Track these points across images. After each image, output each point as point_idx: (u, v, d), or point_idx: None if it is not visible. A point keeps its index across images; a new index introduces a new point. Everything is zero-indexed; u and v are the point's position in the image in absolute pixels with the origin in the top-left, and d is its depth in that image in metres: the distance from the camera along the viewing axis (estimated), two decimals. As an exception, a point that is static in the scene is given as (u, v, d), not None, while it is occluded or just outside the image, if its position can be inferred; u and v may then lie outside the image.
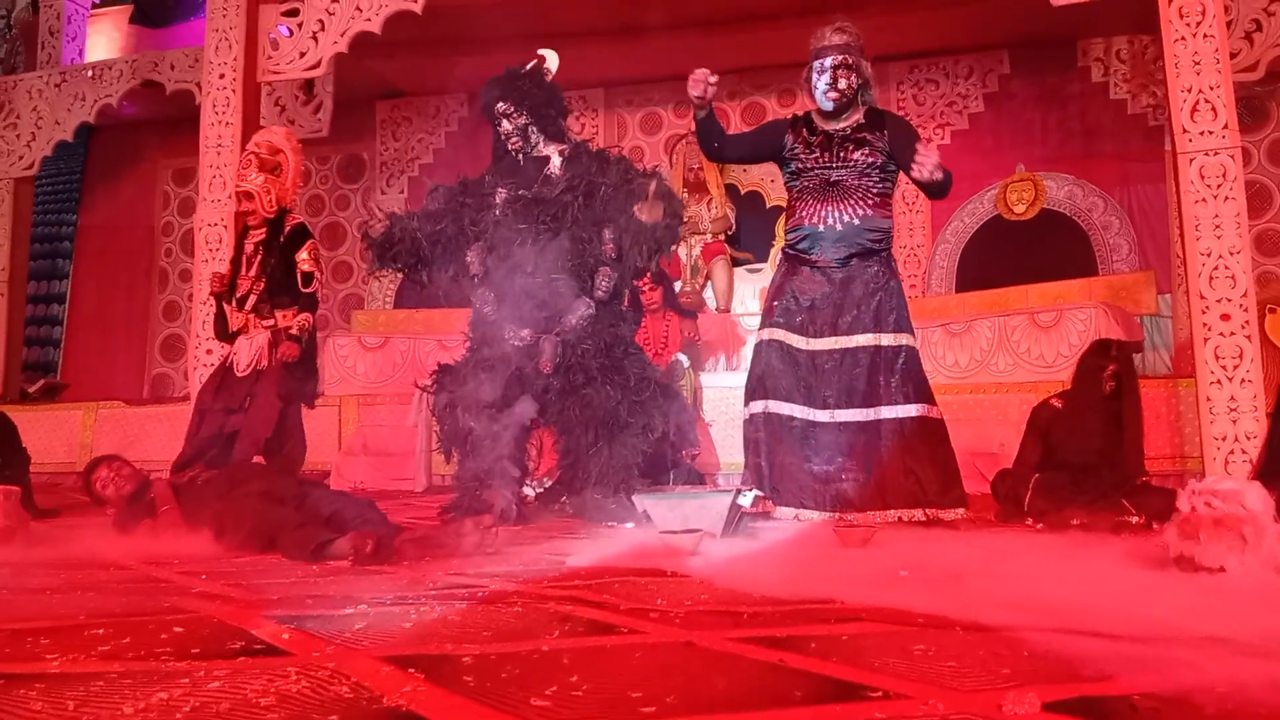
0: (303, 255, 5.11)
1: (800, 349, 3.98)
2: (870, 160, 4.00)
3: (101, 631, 1.77)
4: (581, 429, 4.28)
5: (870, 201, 4.01)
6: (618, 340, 4.34)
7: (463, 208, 4.46)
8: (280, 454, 5.07)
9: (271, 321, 5.07)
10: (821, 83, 4.02)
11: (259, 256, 5.11)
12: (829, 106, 4.04)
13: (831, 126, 4.08)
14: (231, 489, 3.40)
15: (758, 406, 4.00)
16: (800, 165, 4.10)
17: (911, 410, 3.87)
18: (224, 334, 5.24)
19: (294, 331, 5.04)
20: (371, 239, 4.53)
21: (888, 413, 3.86)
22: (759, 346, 4.09)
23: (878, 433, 3.86)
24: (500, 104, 4.47)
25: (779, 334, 4.02)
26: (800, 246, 4.06)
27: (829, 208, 4.01)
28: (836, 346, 3.95)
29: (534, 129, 4.48)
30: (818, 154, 4.05)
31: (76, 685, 1.38)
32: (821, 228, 4.01)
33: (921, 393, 3.94)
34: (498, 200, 4.42)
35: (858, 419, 3.89)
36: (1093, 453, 4.16)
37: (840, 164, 4.01)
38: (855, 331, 3.95)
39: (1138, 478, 4.19)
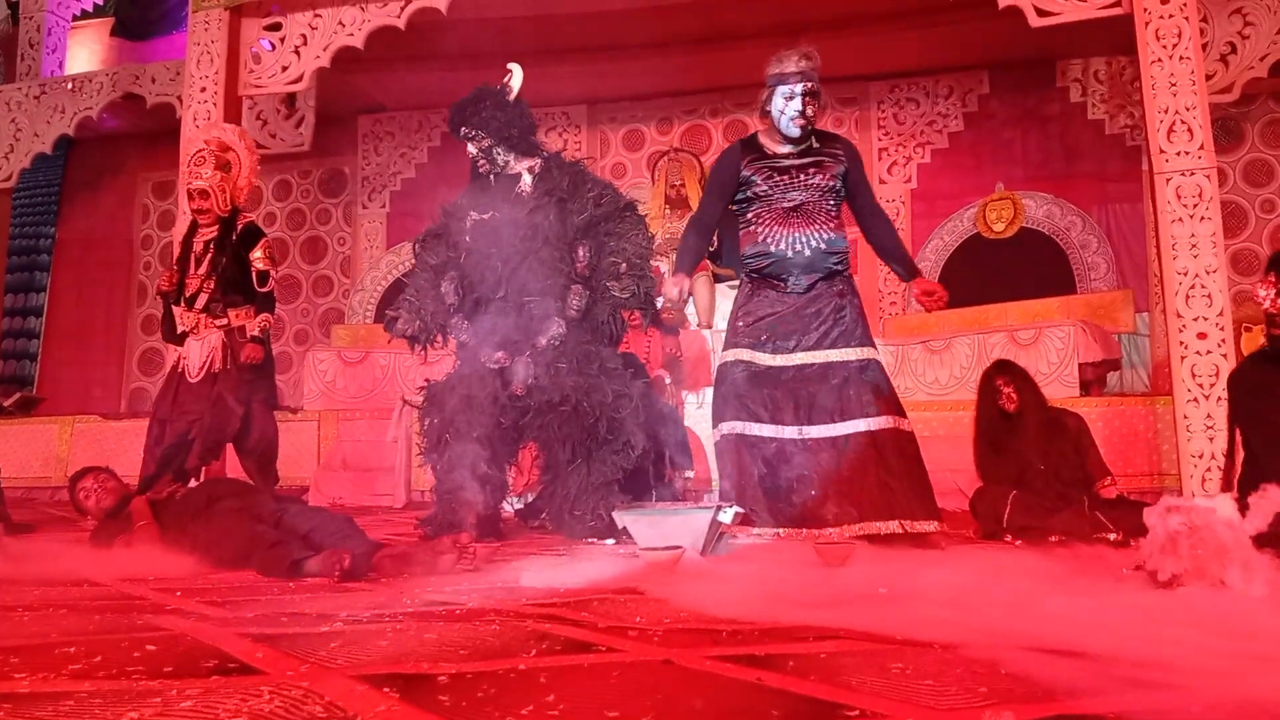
0: (257, 254, 5.06)
1: (766, 366, 3.95)
2: (829, 184, 4.00)
3: (73, 650, 1.75)
4: (559, 446, 4.27)
5: (831, 225, 4.01)
6: (593, 357, 4.32)
7: (449, 241, 4.47)
8: (253, 451, 5.04)
9: (224, 321, 4.99)
10: (791, 109, 3.97)
11: (209, 255, 5.03)
12: (795, 133, 4.00)
13: (785, 150, 4.05)
14: (208, 505, 3.37)
15: (726, 428, 3.97)
16: (757, 191, 4.05)
17: (884, 422, 3.84)
18: (172, 335, 5.16)
19: (255, 333, 4.98)
20: (404, 336, 4.48)
21: (860, 425, 3.83)
22: (724, 367, 4.05)
23: (849, 446, 3.83)
24: (462, 128, 4.45)
25: (744, 354, 3.99)
26: (767, 271, 4.03)
27: (794, 233, 3.99)
28: (803, 362, 3.93)
29: (499, 149, 4.45)
30: (775, 178, 4.02)
31: (45, 705, 1.36)
32: (790, 254, 3.98)
33: (892, 405, 3.92)
34: (467, 225, 4.42)
35: (828, 434, 3.85)
36: (1037, 468, 4.22)
37: (800, 188, 4.00)
38: (821, 347, 3.94)
39: (1099, 474, 4.23)
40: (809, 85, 3.97)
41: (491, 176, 4.48)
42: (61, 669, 1.60)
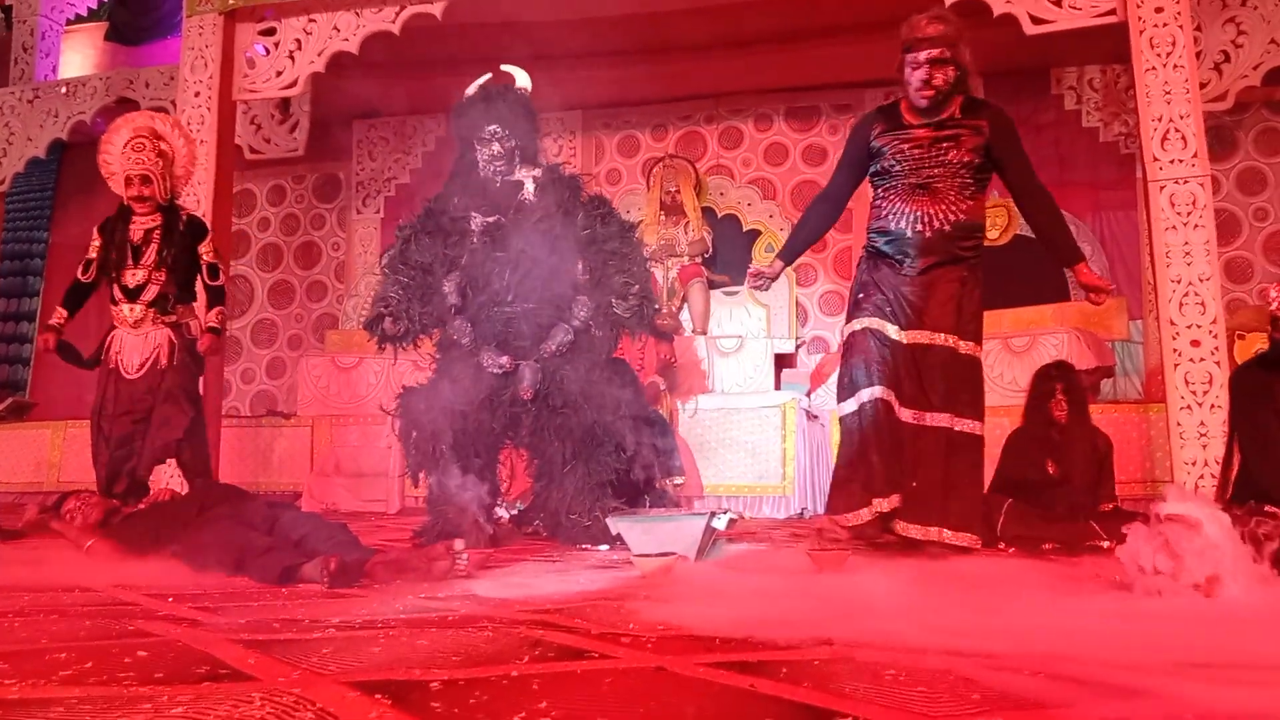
0: (205, 247, 4.91)
1: (894, 339, 3.66)
2: (964, 160, 3.65)
3: (63, 656, 1.73)
4: (558, 450, 4.26)
5: (964, 205, 3.66)
6: (594, 365, 4.34)
7: (444, 240, 4.39)
8: (195, 456, 4.85)
9: (172, 318, 4.84)
10: (915, 79, 3.63)
11: (154, 246, 4.85)
12: (923, 104, 3.69)
13: (923, 121, 3.72)
14: (200, 512, 3.36)
15: (866, 395, 3.61)
16: (887, 163, 3.74)
17: (976, 427, 3.62)
18: (80, 362, 5.04)
19: (214, 323, 4.84)
20: (391, 338, 4.37)
21: (960, 425, 3.58)
22: (855, 336, 3.72)
23: (949, 442, 3.57)
24: (492, 126, 4.37)
25: (873, 322, 3.68)
26: (885, 249, 3.76)
27: (917, 210, 3.67)
28: (921, 342, 3.63)
29: (518, 152, 4.44)
30: (905, 151, 3.71)
31: (35, 711, 1.35)
32: (909, 233, 3.68)
33: (980, 410, 3.65)
34: (473, 227, 4.37)
35: (936, 424, 3.58)
36: (1057, 476, 4.26)
37: (933, 164, 3.66)
38: (938, 329, 3.63)
39: (1106, 497, 4.28)
40: (933, 53, 3.59)
41: (499, 180, 4.44)
42: (51, 675, 1.59)
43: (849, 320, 3.84)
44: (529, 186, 4.42)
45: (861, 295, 3.79)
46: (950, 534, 3.50)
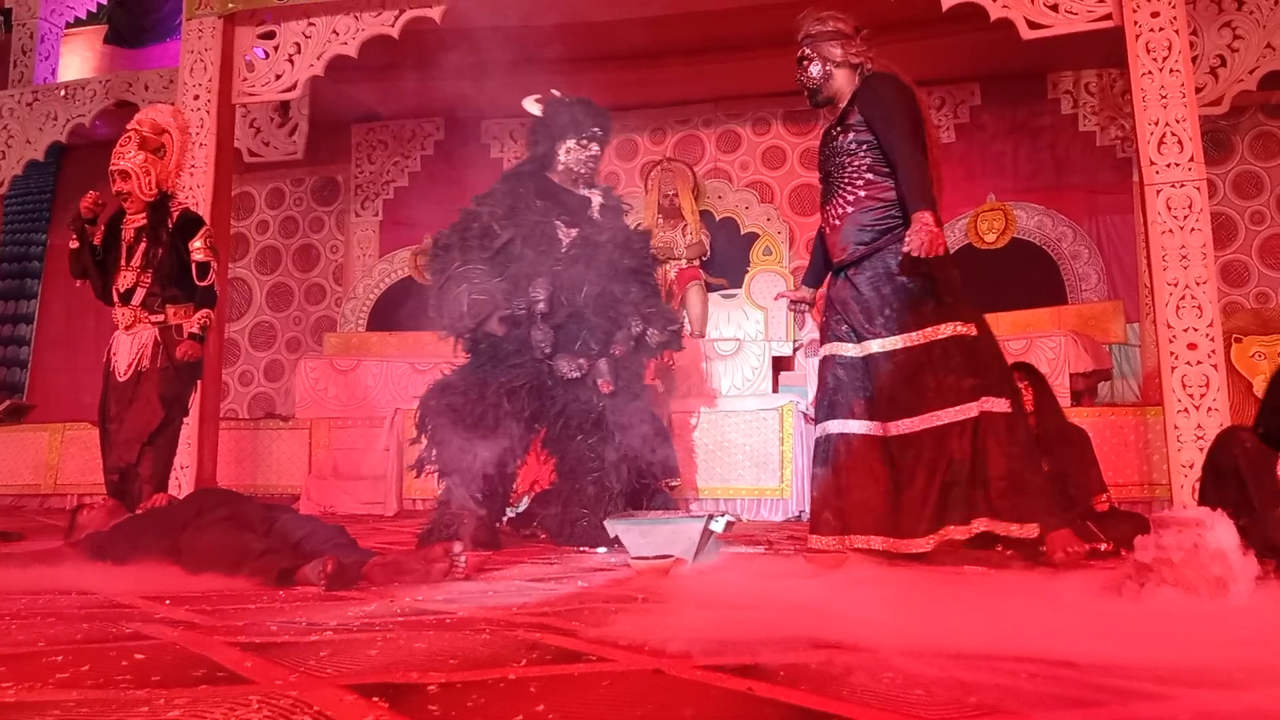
0: (196, 244, 4.69)
1: (854, 357, 3.57)
2: (852, 137, 3.58)
3: (60, 659, 1.73)
4: (593, 452, 4.36)
5: (861, 181, 3.55)
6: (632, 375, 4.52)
7: (535, 246, 4.36)
8: (155, 459, 4.62)
9: (160, 318, 4.68)
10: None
11: (142, 245, 4.71)
12: (811, 104, 3.84)
13: (833, 119, 3.73)
14: (198, 515, 3.35)
15: (831, 427, 3.56)
16: (821, 173, 3.76)
17: (969, 410, 3.33)
18: (81, 273, 4.84)
19: (194, 330, 4.64)
20: (481, 332, 4.28)
21: (945, 417, 3.34)
22: (819, 366, 3.73)
23: (937, 442, 3.34)
24: (597, 126, 4.60)
25: (830, 348, 3.64)
26: (828, 258, 3.73)
27: (830, 206, 3.65)
28: (882, 351, 3.49)
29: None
30: (823, 151, 3.73)
31: (31, 714, 1.35)
32: (826, 229, 3.68)
33: (990, 385, 3.36)
34: (562, 236, 4.44)
35: (913, 429, 3.38)
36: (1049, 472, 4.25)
37: (828, 154, 3.67)
38: (887, 333, 3.47)
39: (1095, 495, 4.26)
40: (798, 53, 3.76)
41: (579, 188, 4.58)
42: (48, 678, 1.59)
43: (819, 343, 3.81)
44: (596, 202, 4.52)
45: (823, 317, 3.78)
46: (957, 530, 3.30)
